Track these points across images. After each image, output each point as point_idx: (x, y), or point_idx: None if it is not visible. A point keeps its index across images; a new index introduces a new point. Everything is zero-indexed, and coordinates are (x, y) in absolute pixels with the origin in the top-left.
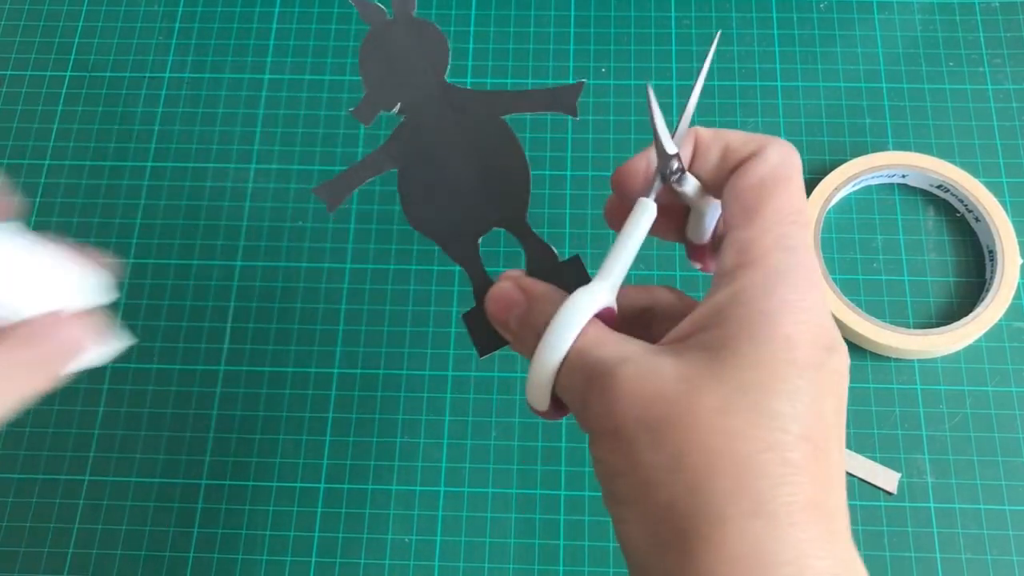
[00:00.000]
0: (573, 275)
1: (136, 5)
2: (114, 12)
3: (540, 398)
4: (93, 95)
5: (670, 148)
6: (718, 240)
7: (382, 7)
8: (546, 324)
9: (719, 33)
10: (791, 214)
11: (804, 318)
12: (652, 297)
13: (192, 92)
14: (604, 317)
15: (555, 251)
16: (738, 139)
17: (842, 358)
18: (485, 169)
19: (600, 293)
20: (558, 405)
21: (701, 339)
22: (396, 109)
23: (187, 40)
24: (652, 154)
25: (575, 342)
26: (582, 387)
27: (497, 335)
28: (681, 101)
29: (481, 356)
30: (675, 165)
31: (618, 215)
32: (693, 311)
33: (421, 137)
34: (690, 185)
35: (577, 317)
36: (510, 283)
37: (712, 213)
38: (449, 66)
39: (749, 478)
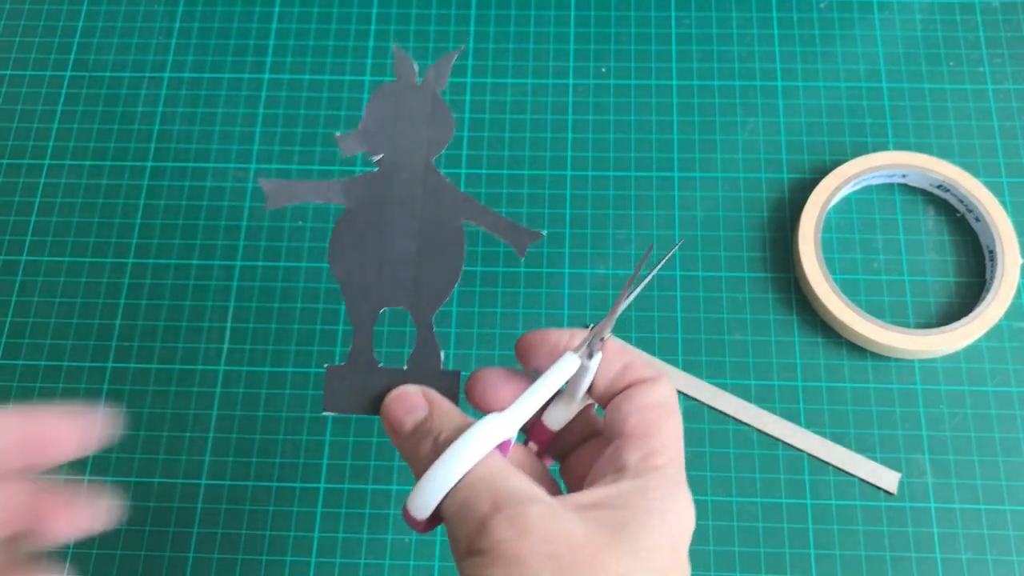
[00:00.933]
0: (447, 387)
1: (136, 5)
2: (114, 12)
3: (425, 508)
4: (93, 95)
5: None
6: (570, 439)
7: (415, 68)
8: (445, 437)
9: (682, 241)
10: (680, 441)
11: (687, 528)
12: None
13: (192, 92)
14: (502, 448)
15: (442, 357)
16: (640, 360)
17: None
18: (423, 257)
19: (510, 424)
20: (433, 519)
21: (606, 515)
22: (377, 158)
23: (187, 40)
24: (568, 334)
25: (481, 465)
26: (486, 510)
27: (350, 401)
28: (681, 101)
29: (323, 411)
30: (605, 338)
31: (500, 386)
32: (596, 486)
33: (383, 194)
34: (591, 367)
35: (487, 440)
36: (416, 388)
37: (576, 407)
38: (443, 153)
39: None
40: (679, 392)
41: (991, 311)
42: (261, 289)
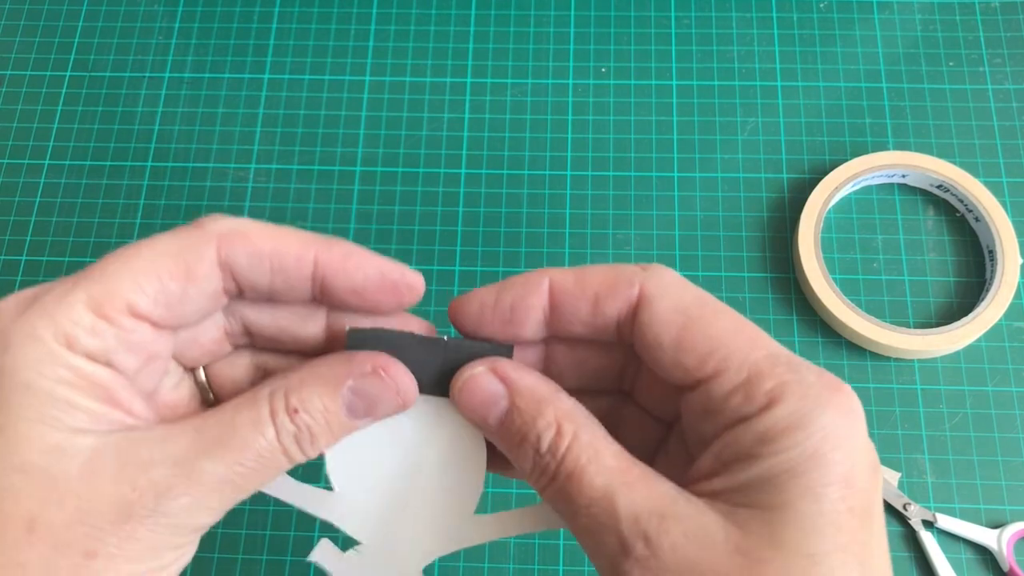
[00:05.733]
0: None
1: (136, 5)
2: (114, 12)
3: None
4: (93, 95)
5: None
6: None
7: None
8: (544, 437)
9: None
10: (745, 332)
11: (849, 453)
12: None
13: (192, 92)
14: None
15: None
16: (602, 278)
17: (877, 462)
18: None
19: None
20: None
21: (751, 496)
22: None
23: (187, 40)
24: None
25: (594, 486)
26: (614, 550)
27: None
28: (681, 101)
29: None
30: None
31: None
32: (717, 448)
33: None
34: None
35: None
36: (485, 371)
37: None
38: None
39: None
40: None
41: (991, 311)
42: None
